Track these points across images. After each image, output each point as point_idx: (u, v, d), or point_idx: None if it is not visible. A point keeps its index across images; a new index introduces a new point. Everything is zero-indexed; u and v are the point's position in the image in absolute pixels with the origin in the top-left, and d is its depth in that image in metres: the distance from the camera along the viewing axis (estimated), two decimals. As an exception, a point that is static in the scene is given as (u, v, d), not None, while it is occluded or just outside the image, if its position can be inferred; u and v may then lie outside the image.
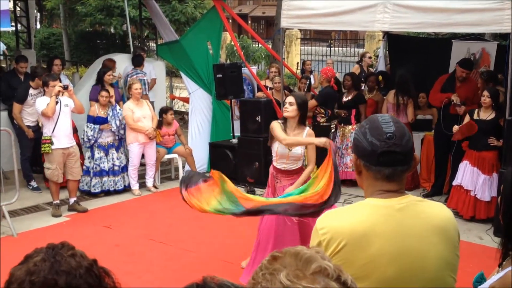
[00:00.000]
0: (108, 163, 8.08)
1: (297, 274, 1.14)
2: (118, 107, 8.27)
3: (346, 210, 2.02)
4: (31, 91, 8.09)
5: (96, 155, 8.03)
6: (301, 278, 1.13)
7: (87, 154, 8.10)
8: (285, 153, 5.14)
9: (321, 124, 8.21)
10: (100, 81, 8.62)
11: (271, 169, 5.38)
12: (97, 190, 8.08)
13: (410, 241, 1.89)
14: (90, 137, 7.95)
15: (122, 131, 8.25)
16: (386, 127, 1.91)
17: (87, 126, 8.00)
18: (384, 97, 8.74)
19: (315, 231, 1.97)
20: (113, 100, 8.26)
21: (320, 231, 1.94)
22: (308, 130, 5.16)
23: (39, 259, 1.32)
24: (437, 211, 1.98)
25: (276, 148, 5.19)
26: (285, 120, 5.15)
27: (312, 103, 8.22)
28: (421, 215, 1.93)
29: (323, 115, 8.14)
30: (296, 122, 5.11)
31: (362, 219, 1.91)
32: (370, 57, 11.97)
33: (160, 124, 8.65)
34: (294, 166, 5.22)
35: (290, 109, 5.07)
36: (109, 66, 9.39)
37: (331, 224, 1.94)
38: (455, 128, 7.21)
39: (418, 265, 1.89)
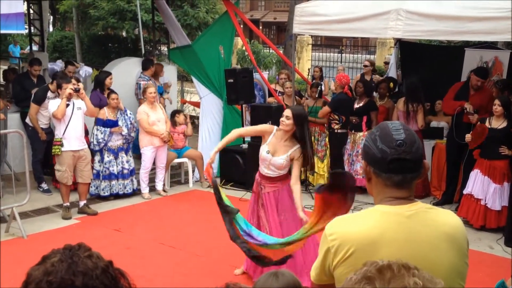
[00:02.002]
0: (117, 167, 8.09)
1: (371, 278, 1.14)
2: (128, 111, 8.29)
3: (355, 217, 2.02)
4: (48, 93, 8.06)
5: (106, 159, 8.03)
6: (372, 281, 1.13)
7: (97, 158, 8.09)
8: (267, 159, 5.10)
9: (336, 131, 8.16)
10: (100, 86, 8.54)
11: (257, 175, 5.35)
12: (106, 194, 8.10)
13: (420, 248, 1.88)
14: (100, 140, 7.94)
15: (133, 134, 8.28)
16: (396, 134, 1.91)
17: (97, 129, 7.97)
18: (395, 104, 8.73)
19: (324, 237, 1.97)
20: (121, 104, 8.19)
21: (329, 237, 1.94)
22: (297, 148, 5.05)
23: (57, 259, 1.34)
24: (446, 218, 1.98)
25: (261, 151, 5.17)
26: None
27: (325, 109, 8.22)
28: (431, 222, 1.93)
29: (337, 122, 8.12)
30: (289, 136, 5.07)
31: (372, 225, 1.91)
32: (366, 66, 11.73)
33: (174, 124, 8.84)
34: (276, 174, 5.17)
35: (286, 122, 5.03)
36: (157, 70, 9.60)
37: (340, 230, 1.94)
38: (468, 137, 7.16)
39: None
